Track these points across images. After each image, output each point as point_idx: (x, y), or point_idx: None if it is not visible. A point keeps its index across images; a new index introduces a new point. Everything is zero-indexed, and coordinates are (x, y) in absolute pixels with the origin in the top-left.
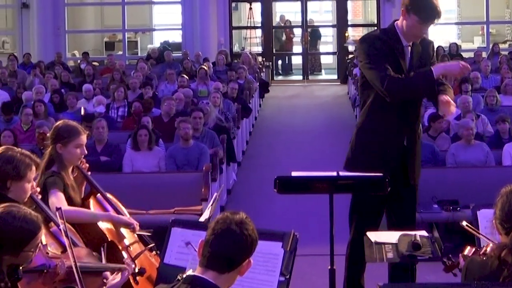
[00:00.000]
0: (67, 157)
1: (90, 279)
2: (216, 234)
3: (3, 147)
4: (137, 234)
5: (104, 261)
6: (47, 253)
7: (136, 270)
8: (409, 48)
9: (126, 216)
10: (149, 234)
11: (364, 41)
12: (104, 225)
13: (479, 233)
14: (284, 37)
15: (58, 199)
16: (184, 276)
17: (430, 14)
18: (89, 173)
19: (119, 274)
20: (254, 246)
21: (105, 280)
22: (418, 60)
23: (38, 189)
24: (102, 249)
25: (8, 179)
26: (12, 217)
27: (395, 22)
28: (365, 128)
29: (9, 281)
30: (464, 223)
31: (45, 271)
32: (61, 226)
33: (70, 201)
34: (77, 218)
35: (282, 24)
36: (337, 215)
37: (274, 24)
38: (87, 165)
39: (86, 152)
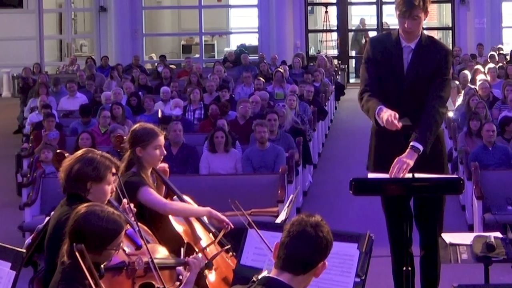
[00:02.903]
0: (147, 159)
1: (165, 274)
2: (291, 236)
3: (83, 149)
4: (213, 236)
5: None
6: (124, 250)
7: (205, 262)
8: (411, 49)
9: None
10: (229, 246)
11: (368, 42)
12: (180, 228)
13: None
14: (364, 41)
15: (153, 195)
16: (259, 277)
17: (403, 6)
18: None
19: (191, 267)
20: (329, 248)
21: (180, 277)
22: (419, 64)
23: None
24: (181, 250)
25: (88, 180)
26: (96, 217)
27: None
28: (370, 132)
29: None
30: None
31: (125, 268)
32: (137, 228)
33: None
34: (179, 213)
35: (362, 27)
36: None
37: (349, 27)
38: (167, 169)
39: (165, 152)
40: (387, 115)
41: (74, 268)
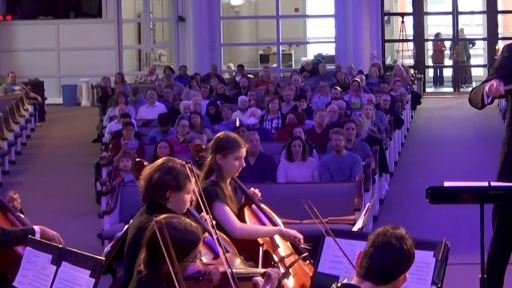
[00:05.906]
0: (226, 168)
1: (242, 284)
2: (376, 247)
3: (164, 158)
4: (291, 244)
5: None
6: (201, 260)
7: (282, 273)
8: None
9: (293, 231)
10: (309, 247)
11: (504, 48)
12: None
13: None
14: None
15: (226, 215)
16: (339, 284)
17: None
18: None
19: (269, 279)
20: (412, 261)
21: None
22: None
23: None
24: (259, 257)
25: (168, 189)
26: (174, 229)
27: None
28: (505, 143)
29: None
30: None
31: (200, 278)
32: (216, 236)
33: None
34: (251, 236)
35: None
36: (488, 224)
37: (426, 37)
38: (259, 194)
39: (244, 165)
40: (489, 84)
41: (150, 278)
